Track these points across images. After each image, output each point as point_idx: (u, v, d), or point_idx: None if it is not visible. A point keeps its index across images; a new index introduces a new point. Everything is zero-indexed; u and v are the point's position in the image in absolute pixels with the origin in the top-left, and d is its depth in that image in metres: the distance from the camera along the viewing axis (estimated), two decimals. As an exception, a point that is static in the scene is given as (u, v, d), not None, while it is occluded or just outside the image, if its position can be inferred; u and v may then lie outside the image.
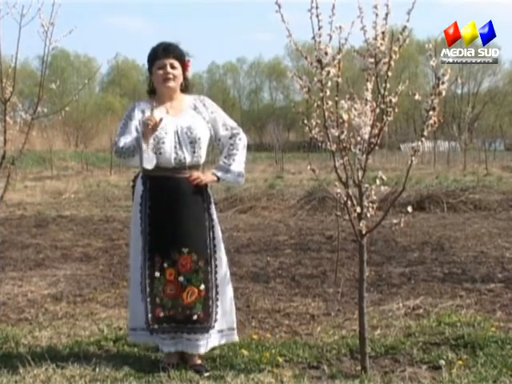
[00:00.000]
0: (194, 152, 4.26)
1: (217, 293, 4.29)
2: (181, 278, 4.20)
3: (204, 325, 4.24)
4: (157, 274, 4.21)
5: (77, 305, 6.10)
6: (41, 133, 33.32)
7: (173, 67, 4.29)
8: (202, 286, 4.23)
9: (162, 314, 4.24)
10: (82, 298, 6.37)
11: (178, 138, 4.24)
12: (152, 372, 4.18)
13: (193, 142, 4.25)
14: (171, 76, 4.28)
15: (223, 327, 4.36)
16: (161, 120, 4.10)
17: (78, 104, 49.46)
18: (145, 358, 4.51)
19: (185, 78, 4.41)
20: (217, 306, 4.28)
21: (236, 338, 4.45)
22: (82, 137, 51.10)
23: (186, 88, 4.45)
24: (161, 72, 4.27)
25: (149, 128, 4.08)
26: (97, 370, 4.23)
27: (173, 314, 4.22)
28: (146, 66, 4.41)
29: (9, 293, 6.59)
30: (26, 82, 49.20)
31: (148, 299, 4.24)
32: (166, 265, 4.21)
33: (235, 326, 4.43)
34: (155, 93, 4.41)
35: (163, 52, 4.29)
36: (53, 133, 39.16)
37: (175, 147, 4.22)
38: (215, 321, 4.28)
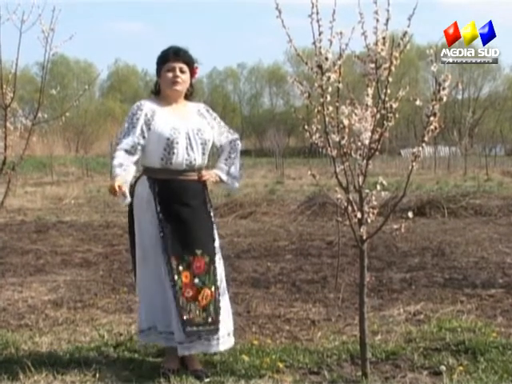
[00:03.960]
0: (204, 154, 4.33)
1: (219, 294, 4.32)
2: (196, 280, 4.22)
3: (216, 326, 4.25)
4: (176, 277, 4.21)
5: (77, 310, 6.09)
6: (41, 138, 33.32)
7: (182, 71, 4.31)
8: (213, 288, 4.26)
9: (185, 317, 4.21)
10: (83, 303, 6.36)
11: (189, 139, 4.26)
12: (152, 378, 4.18)
13: (203, 144, 4.31)
14: (180, 80, 4.30)
15: (224, 332, 4.35)
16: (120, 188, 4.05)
17: (79, 110, 49.45)
18: (145, 364, 4.50)
19: (190, 84, 4.43)
20: (220, 308, 4.30)
21: (232, 343, 4.43)
22: (82, 142, 51.10)
23: (190, 94, 4.48)
24: (170, 75, 4.29)
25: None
26: (97, 375, 4.22)
27: (192, 317, 4.20)
28: (146, 70, 4.45)
29: (9, 298, 6.58)
30: (27, 87, 49.24)
31: (175, 303, 4.21)
32: (181, 268, 4.21)
33: (232, 330, 4.43)
34: (159, 94, 4.42)
35: (174, 55, 4.31)
36: (53, 138, 39.18)
37: (187, 148, 4.25)
38: (219, 322, 4.28)
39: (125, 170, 4.13)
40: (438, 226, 12.10)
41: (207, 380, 4.17)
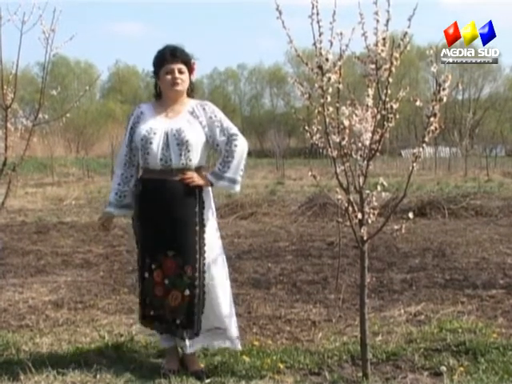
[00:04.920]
0: (181, 155, 4.22)
1: (204, 299, 4.27)
2: (166, 281, 4.22)
3: (187, 330, 4.25)
4: (146, 274, 4.28)
5: (78, 311, 6.09)
6: (42, 139, 33.36)
7: (180, 72, 4.29)
8: (187, 292, 4.21)
9: (152, 313, 4.29)
10: (83, 304, 6.36)
11: (167, 139, 4.23)
12: (153, 378, 4.18)
13: (180, 145, 4.21)
14: (179, 81, 4.28)
15: (230, 333, 4.37)
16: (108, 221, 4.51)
17: (79, 110, 49.50)
18: (146, 365, 4.50)
19: (190, 81, 4.41)
20: (202, 313, 4.27)
21: (239, 347, 4.44)
22: (82, 143, 51.18)
23: (191, 91, 4.45)
24: (169, 77, 4.27)
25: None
26: (98, 376, 4.22)
27: (162, 314, 4.26)
28: (146, 71, 4.47)
29: (10, 299, 6.58)
30: (27, 88, 49.21)
31: (140, 298, 4.38)
32: (153, 266, 4.24)
33: (237, 334, 4.42)
34: (161, 96, 4.42)
35: (171, 56, 4.28)
36: (54, 139, 39.23)
37: (162, 148, 4.22)
38: (199, 327, 4.28)
39: (120, 191, 4.41)
40: (439, 227, 12.09)
41: (208, 381, 4.17)
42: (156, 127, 4.24)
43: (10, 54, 5.14)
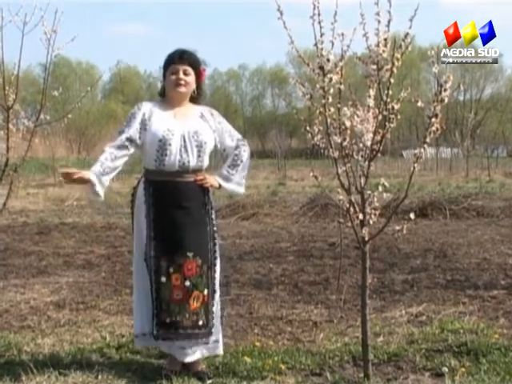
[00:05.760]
0: (199, 156, 4.26)
1: (213, 298, 4.32)
2: (187, 283, 4.19)
3: (207, 330, 4.26)
4: (163, 279, 4.20)
5: (79, 312, 6.09)
6: (43, 140, 33.25)
7: (186, 74, 4.29)
8: (206, 291, 4.24)
9: (168, 320, 4.20)
10: (85, 305, 6.36)
11: (185, 141, 4.23)
12: (155, 379, 4.18)
13: (198, 146, 4.25)
14: (183, 82, 4.28)
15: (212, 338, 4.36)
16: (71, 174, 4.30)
17: (81, 111, 49.43)
18: (147, 366, 4.50)
19: (198, 86, 4.41)
20: (213, 312, 4.31)
21: (220, 352, 4.43)
22: (84, 144, 51.20)
23: (198, 96, 4.45)
24: (173, 77, 4.28)
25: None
26: (99, 377, 4.22)
27: (180, 319, 4.19)
28: (148, 72, 4.45)
29: (11, 300, 6.58)
30: (29, 89, 49.22)
31: (154, 304, 4.24)
32: (171, 270, 4.19)
33: (220, 337, 4.41)
34: (165, 97, 4.42)
35: (178, 58, 4.30)
36: (55, 140, 39.18)
37: (180, 150, 4.22)
38: (213, 326, 4.30)
39: (105, 164, 4.19)
40: (440, 228, 12.09)
41: (209, 382, 4.17)
42: (173, 128, 4.24)
43: (12, 54, 5.15)
